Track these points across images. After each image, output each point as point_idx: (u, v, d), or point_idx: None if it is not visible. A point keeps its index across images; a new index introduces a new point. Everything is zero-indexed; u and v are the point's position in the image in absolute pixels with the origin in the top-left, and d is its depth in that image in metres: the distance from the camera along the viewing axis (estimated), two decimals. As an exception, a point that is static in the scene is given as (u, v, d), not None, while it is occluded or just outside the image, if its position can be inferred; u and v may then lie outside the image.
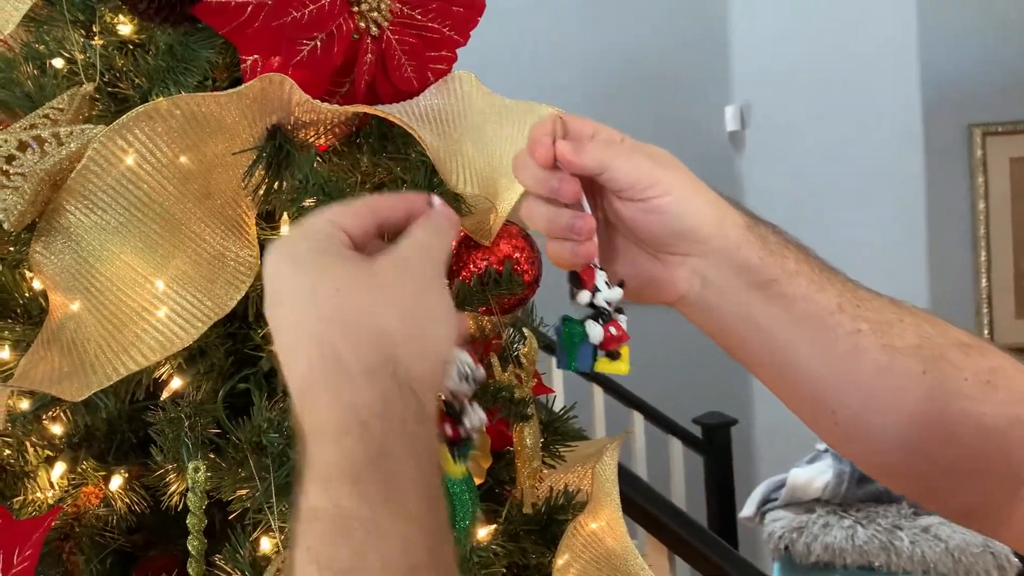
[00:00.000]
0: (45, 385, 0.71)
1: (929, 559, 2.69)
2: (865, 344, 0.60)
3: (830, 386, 0.62)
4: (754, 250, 0.61)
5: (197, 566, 0.73)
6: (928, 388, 0.60)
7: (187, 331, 0.76)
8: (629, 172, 0.60)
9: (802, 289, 0.61)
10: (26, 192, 0.72)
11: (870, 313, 0.61)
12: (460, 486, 0.83)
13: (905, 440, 0.61)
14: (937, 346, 0.61)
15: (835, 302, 0.61)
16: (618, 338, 0.63)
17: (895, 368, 0.60)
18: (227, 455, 0.77)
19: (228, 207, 0.83)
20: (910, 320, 0.62)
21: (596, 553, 0.99)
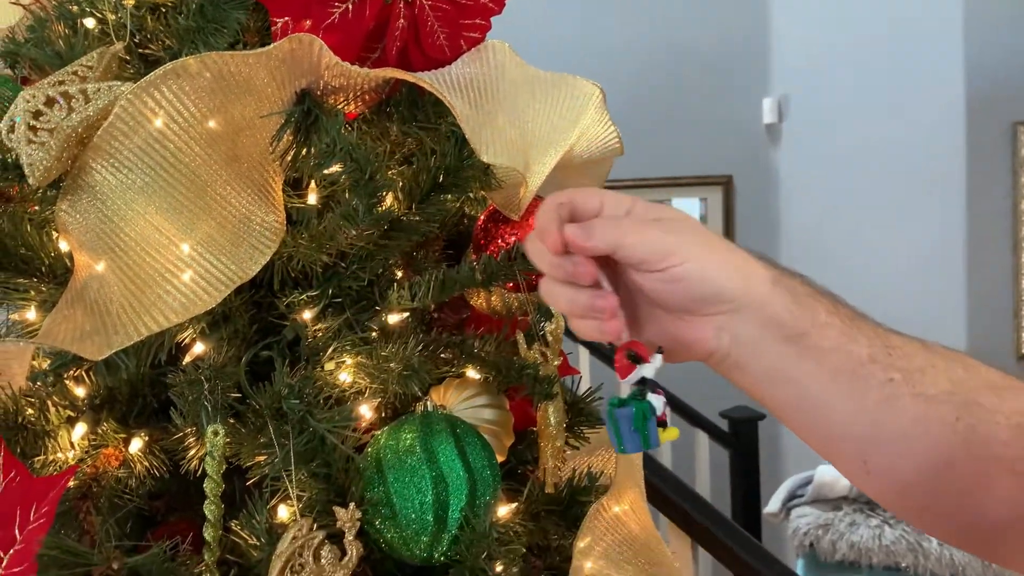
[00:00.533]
0: (68, 343, 0.71)
1: (958, 562, 2.64)
2: (898, 394, 0.59)
3: (863, 438, 0.61)
4: (784, 304, 0.60)
5: (213, 531, 0.73)
6: (961, 435, 0.58)
7: (210, 294, 0.75)
8: (642, 247, 0.59)
9: (833, 341, 0.60)
10: (52, 148, 0.71)
11: (901, 361, 0.60)
12: (482, 462, 0.81)
13: (938, 488, 0.60)
14: (969, 390, 0.59)
15: (866, 352, 0.60)
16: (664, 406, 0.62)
17: (928, 417, 0.59)
18: (247, 421, 0.76)
19: (255, 171, 0.82)
20: (942, 365, 0.60)
21: (619, 536, 0.97)
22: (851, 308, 0.62)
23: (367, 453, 0.81)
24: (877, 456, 0.61)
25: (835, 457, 0.63)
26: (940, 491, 0.60)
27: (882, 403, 0.59)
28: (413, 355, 0.84)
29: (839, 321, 0.60)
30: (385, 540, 0.78)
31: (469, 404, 0.93)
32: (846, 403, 0.60)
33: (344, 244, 0.86)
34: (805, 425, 0.63)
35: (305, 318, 0.90)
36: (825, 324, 0.60)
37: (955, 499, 0.60)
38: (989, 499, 0.59)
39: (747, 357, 0.61)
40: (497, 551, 0.75)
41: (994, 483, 0.58)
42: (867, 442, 0.61)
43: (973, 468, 0.58)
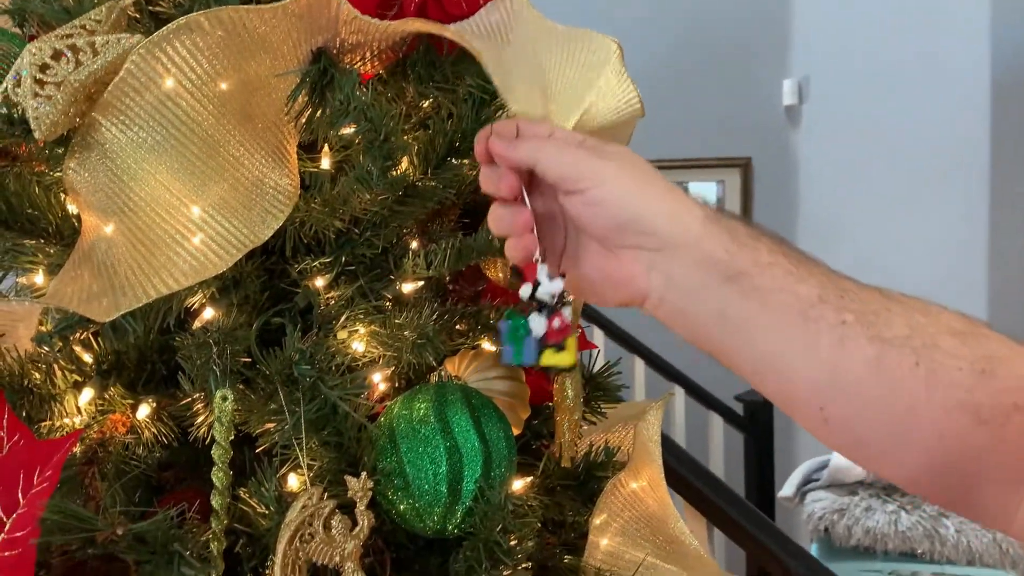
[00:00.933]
0: (75, 304, 0.69)
1: (975, 549, 2.61)
2: (852, 335, 0.56)
3: (818, 383, 0.58)
4: (720, 242, 0.58)
5: (221, 499, 0.71)
6: (923, 380, 0.55)
7: (221, 257, 0.72)
8: (559, 164, 0.60)
9: (778, 281, 0.57)
10: (59, 102, 0.69)
11: (854, 304, 0.57)
12: (497, 433, 0.79)
13: (899, 437, 0.57)
14: (929, 335, 0.56)
15: (816, 293, 0.57)
16: (561, 331, 0.63)
17: (886, 361, 0.56)
18: (256, 387, 0.74)
19: (269, 132, 0.79)
20: (898, 309, 0.57)
21: (635, 513, 0.95)
22: (799, 251, 0.60)
23: (380, 423, 0.79)
24: (834, 403, 0.58)
25: (792, 406, 0.60)
26: (902, 439, 0.57)
27: (836, 346, 0.56)
28: (428, 324, 0.81)
29: (785, 260, 0.58)
30: (397, 511, 0.76)
31: (484, 376, 0.90)
32: (797, 347, 0.57)
33: (358, 209, 0.84)
34: (757, 373, 0.60)
35: (317, 285, 0.87)
36: (768, 264, 0.57)
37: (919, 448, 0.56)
38: (956, 449, 0.55)
39: (685, 300, 0.60)
40: (512, 524, 0.72)
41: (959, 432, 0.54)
42: (822, 388, 0.58)
43: (937, 415, 0.55)
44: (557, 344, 0.63)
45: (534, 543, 0.77)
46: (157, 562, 0.65)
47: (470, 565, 0.75)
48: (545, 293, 0.63)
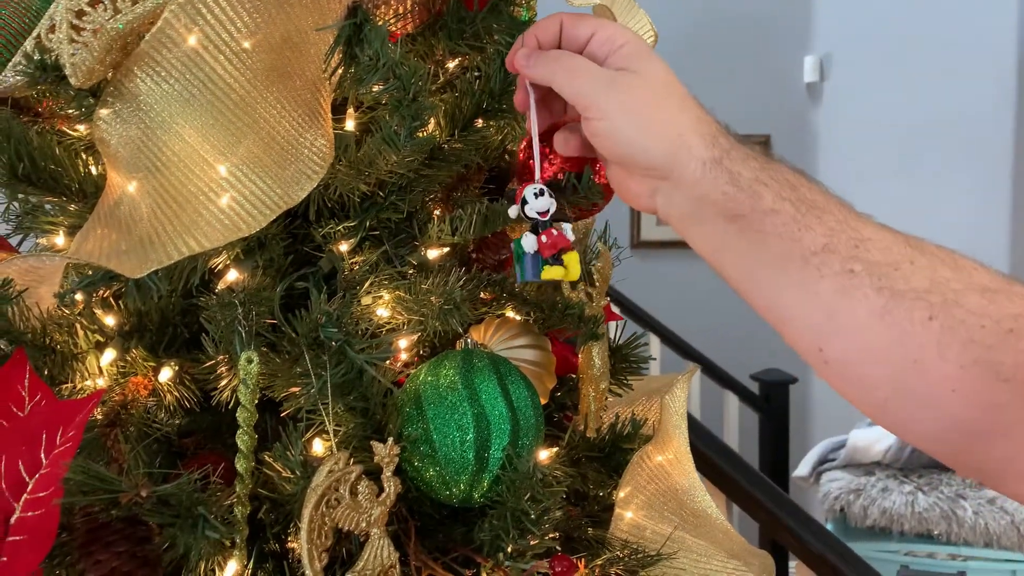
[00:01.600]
0: (103, 259, 0.67)
1: (992, 531, 2.59)
2: (857, 285, 0.56)
3: (817, 326, 0.58)
4: (716, 186, 0.60)
5: (245, 462, 0.69)
6: (934, 335, 0.54)
7: (254, 217, 0.70)
8: (569, 89, 0.64)
9: (779, 227, 0.58)
10: (95, 49, 0.67)
11: (870, 254, 0.57)
12: (525, 401, 0.78)
13: (905, 388, 0.56)
14: (952, 291, 0.55)
15: (821, 242, 0.57)
16: (552, 244, 0.67)
17: (893, 311, 0.55)
18: (281, 350, 0.73)
19: (306, 91, 0.77)
20: (924, 262, 0.56)
21: (661, 487, 0.93)
22: (818, 195, 0.60)
23: (406, 389, 0.77)
24: (832, 345, 0.58)
25: (792, 341, 0.61)
26: (908, 390, 0.56)
27: (837, 293, 0.56)
28: (455, 289, 0.80)
29: (790, 208, 0.58)
30: (423, 479, 0.75)
31: (510, 344, 0.89)
32: (795, 289, 0.58)
33: (384, 171, 0.82)
34: (759, 305, 0.62)
35: (342, 250, 0.86)
36: (770, 211, 0.58)
37: (925, 401, 0.55)
38: (970, 404, 0.54)
39: (686, 226, 0.63)
40: (541, 493, 0.71)
41: (976, 388, 0.53)
42: (821, 330, 0.58)
43: (949, 371, 0.54)
44: (554, 258, 0.67)
45: (562, 513, 0.76)
46: (181, 525, 0.63)
47: (496, 534, 0.74)
48: (531, 211, 0.68)
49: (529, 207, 0.68)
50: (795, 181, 0.60)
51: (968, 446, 0.56)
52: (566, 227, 0.68)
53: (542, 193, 0.68)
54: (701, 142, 0.61)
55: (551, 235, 0.67)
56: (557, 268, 0.68)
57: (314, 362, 0.70)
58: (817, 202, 0.59)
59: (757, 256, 0.59)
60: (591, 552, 0.84)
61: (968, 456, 0.57)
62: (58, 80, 0.68)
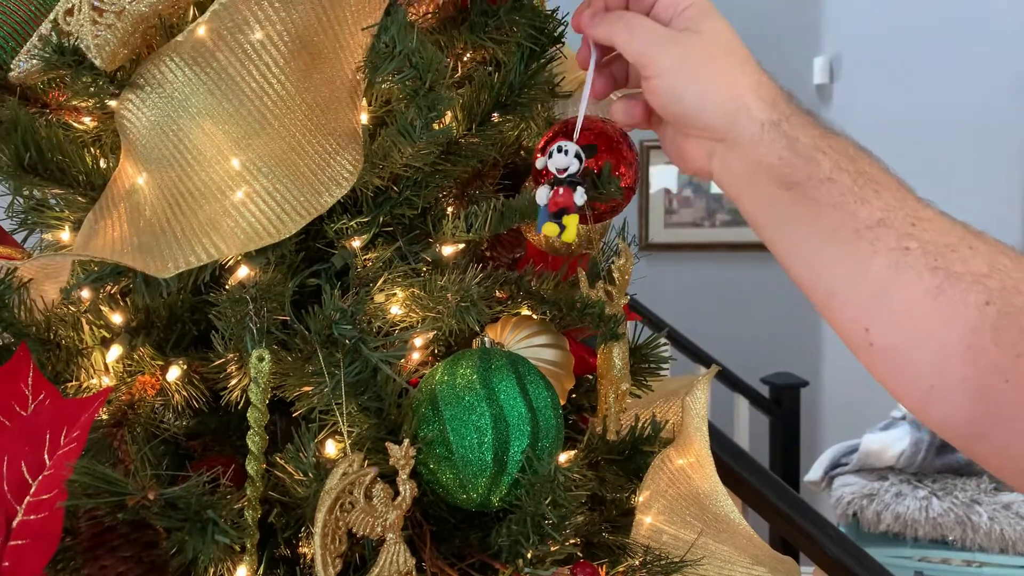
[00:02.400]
0: (117, 255, 0.65)
1: (1008, 537, 2.55)
2: (911, 263, 0.54)
3: (864, 303, 0.56)
4: (775, 150, 0.58)
5: (256, 464, 0.67)
6: (991, 321, 0.51)
7: (284, 223, 0.68)
8: (629, 47, 0.64)
9: (835, 198, 0.56)
10: (119, 31, 0.65)
11: (927, 234, 0.54)
12: (545, 402, 0.75)
13: (954, 379, 0.53)
14: (1012, 279, 0.52)
15: (877, 216, 0.55)
16: (561, 202, 0.69)
17: (947, 293, 0.52)
18: (294, 348, 0.70)
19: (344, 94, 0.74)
20: (984, 248, 0.54)
21: (682, 490, 0.91)
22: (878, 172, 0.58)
23: (421, 389, 0.75)
24: (880, 326, 0.55)
25: (838, 323, 0.58)
26: (953, 379, 0.53)
27: (890, 269, 0.54)
28: (471, 285, 0.77)
29: (848, 179, 0.56)
30: (439, 482, 0.72)
31: (528, 343, 0.86)
32: (846, 263, 0.56)
33: (399, 165, 0.79)
34: (805, 277, 0.60)
35: (355, 246, 0.83)
36: (827, 180, 0.56)
37: (971, 391, 0.52)
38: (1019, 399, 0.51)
39: (739, 191, 0.62)
40: (562, 497, 0.68)
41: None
42: (869, 308, 0.56)
43: (1000, 360, 0.51)
44: (555, 215, 0.70)
45: (583, 517, 0.73)
46: (190, 529, 0.61)
47: (515, 539, 0.71)
48: (553, 165, 0.70)
49: (552, 161, 0.70)
50: (855, 154, 0.58)
51: (1016, 445, 0.52)
52: (580, 191, 0.70)
53: (568, 152, 0.70)
54: (761, 104, 0.60)
55: (566, 197, 0.69)
56: (554, 225, 0.70)
57: (327, 360, 0.68)
58: (876, 176, 0.57)
59: (809, 226, 0.58)
60: (612, 558, 0.81)
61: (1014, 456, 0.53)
62: (76, 64, 0.66)
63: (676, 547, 0.87)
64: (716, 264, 4.24)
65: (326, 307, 0.67)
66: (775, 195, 0.59)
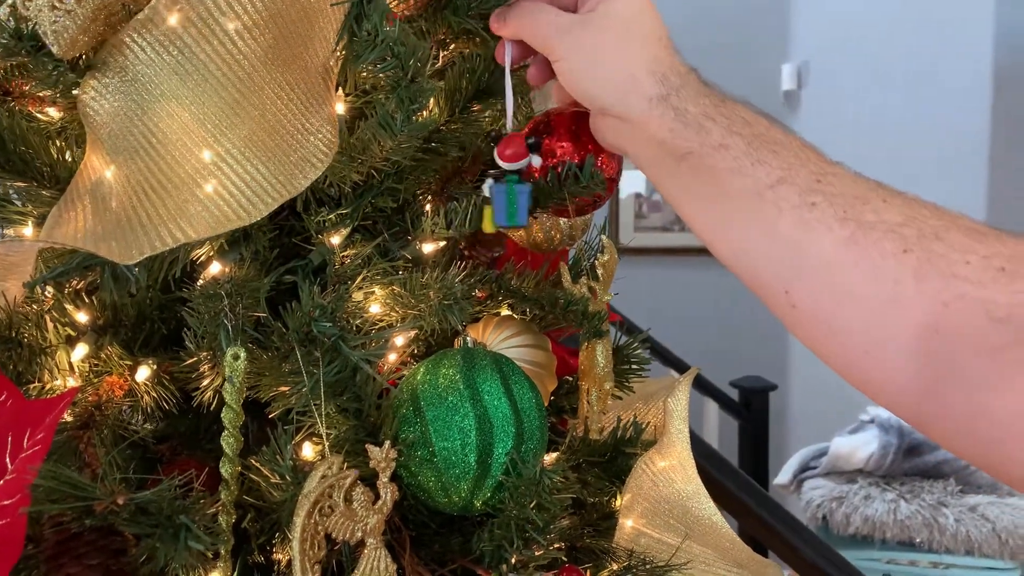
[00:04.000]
0: (81, 242, 0.62)
1: (974, 539, 2.58)
2: (819, 217, 0.52)
3: (780, 263, 0.55)
4: (663, 123, 0.59)
5: (231, 466, 0.64)
6: (911, 268, 0.49)
7: (255, 206, 0.65)
8: (532, 37, 0.67)
9: (728, 162, 0.56)
10: (79, 17, 0.62)
11: (835, 188, 0.53)
12: (530, 403, 0.73)
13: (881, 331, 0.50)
14: (931, 226, 0.50)
15: (777, 175, 0.54)
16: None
17: (861, 244, 0.50)
18: (270, 346, 0.68)
19: (316, 74, 0.72)
20: (898, 201, 0.52)
21: (664, 493, 0.89)
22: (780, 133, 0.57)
23: (402, 389, 0.73)
24: (798, 286, 0.54)
25: (759, 291, 0.58)
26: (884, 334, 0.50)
27: (798, 226, 0.53)
28: (454, 283, 0.75)
29: (742, 143, 0.56)
30: (420, 485, 0.70)
31: (510, 343, 0.84)
32: (754, 228, 0.55)
33: (379, 158, 0.77)
34: (724, 252, 0.60)
35: (333, 242, 0.81)
36: (720, 146, 0.56)
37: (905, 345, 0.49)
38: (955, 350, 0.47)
39: (647, 168, 0.63)
40: (548, 500, 0.66)
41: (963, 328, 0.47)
42: (785, 271, 0.55)
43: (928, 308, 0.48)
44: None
45: (569, 521, 0.71)
46: (161, 536, 0.58)
47: (499, 544, 0.69)
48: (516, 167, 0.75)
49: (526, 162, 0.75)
50: (751, 118, 0.58)
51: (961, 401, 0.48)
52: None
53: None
54: (651, 80, 0.60)
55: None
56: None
57: (305, 359, 0.65)
58: (775, 138, 0.56)
59: (711, 196, 0.58)
60: (595, 563, 0.79)
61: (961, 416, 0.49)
62: (35, 51, 0.63)
63: (659, 550, 0.86)
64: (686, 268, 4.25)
65: (304, 304, 0.65)
66: (675, 169, 0.60)
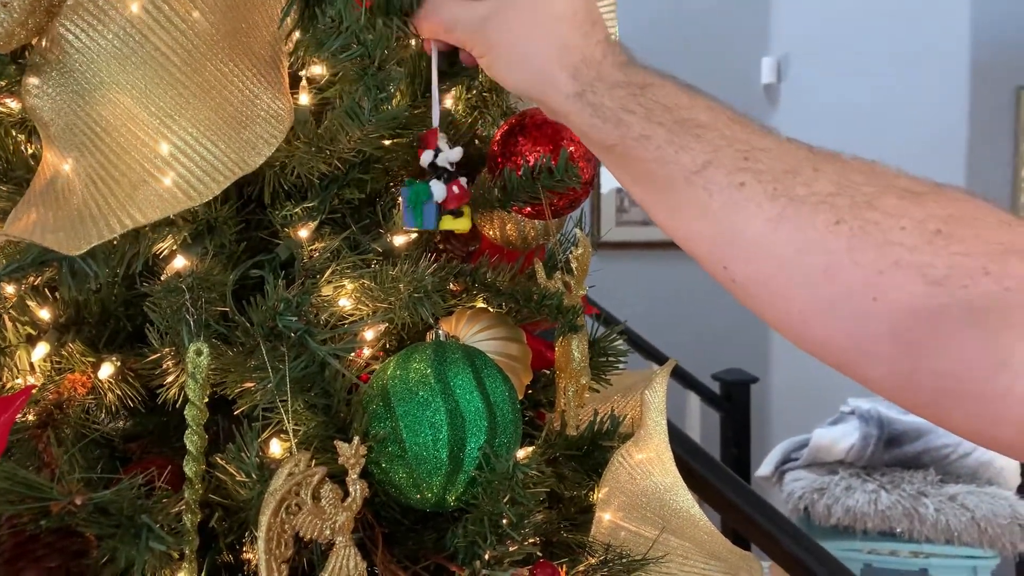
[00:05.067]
0: (35, 236, 0.60)
1: (954, 528, 2.59)
2: (747, 196, 0.53)
3: (714, 242, 0.56)
4: (583, 119, 0.60)
5: (195, 465, 0.63)
6: (844, 239, 0.49)
7: (207, 185, 0.63)
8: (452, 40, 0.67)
9: (652, 152, 0.56)
10: (15, 10, 0.60)
11: (763, 164, 0.53)
12: (503, 396, 0.72)
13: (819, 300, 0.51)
14: (863, 194, 0.50)
15: (702, 159, 0.54)
16: (459, 196, 0.70)
17: (792, 219, 0.51)
18: (234, 342, 0.66)
19: (263, 48, 0.70)
20: (831, 169, 0.52)
21: (642, 486, 0.88)
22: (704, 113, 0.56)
23: (372, 384, 0.71)
24: (735, 262, 0.55)
25: (700, 261, 0.59)
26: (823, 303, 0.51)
27: (728, 207, 0.53)
28: (425, 276, 0.74)
29: (663, 132, 0.56)
30: (391, 482, 0.69)
31: (484, 336, 0.83)
32: (687, 211, 0.56)
33: (347, 149, 0.76)
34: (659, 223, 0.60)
35: (301, 236, 0.79)
36: (640, 137, 0.57)
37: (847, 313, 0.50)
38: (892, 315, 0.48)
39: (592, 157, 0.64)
40: (521, 495, 0.65)
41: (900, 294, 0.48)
42: (719, 246, 0.55)
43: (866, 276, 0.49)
44: (456, 210, 0.70)
45: (544, 515, 0.70)
46: (122, 536, 0.57)
47: (472, 540, 0.68)
48: (444, 160, 0.70)
49: (443, 156, 0.70)
50: (673, 103, 0.57)
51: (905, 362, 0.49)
52: (464, 180, 0.71)
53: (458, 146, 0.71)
54: (563, 75, 0.60)
55: (461, 187, 0.70)
56: (459, 220, 0.70)
57: (271, 354, 0.64)
58: (698, 120, 0.56)
59: (643, 181, 0.58)
60: (571, 558, 0.78)
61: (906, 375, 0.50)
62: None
63: (636, 544, 0.85)
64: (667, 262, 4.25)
65: (269, 297, 0.63)
66: (606, 157, 0.60)
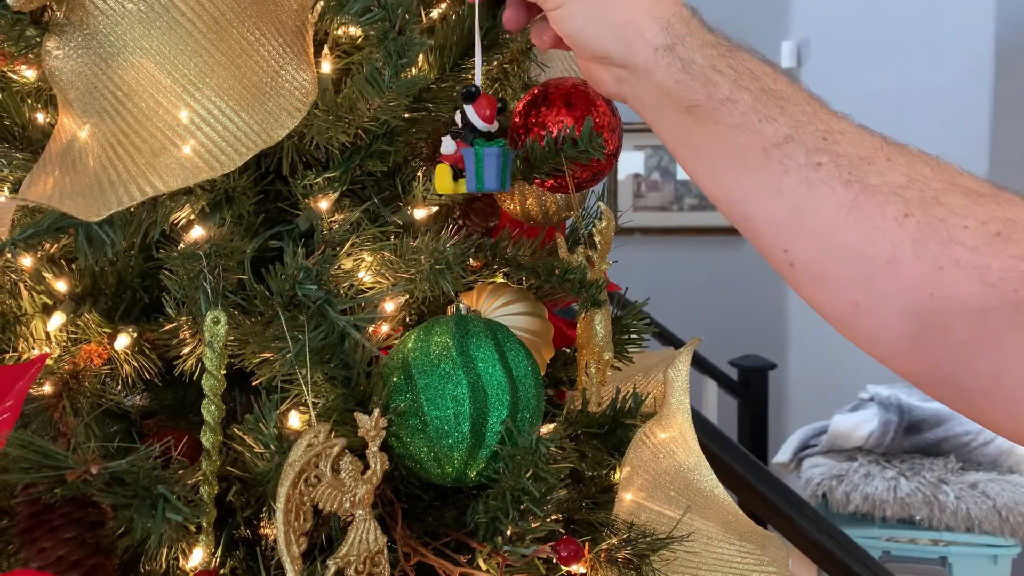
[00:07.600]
0: (53, 200, 0.59)
1: (974, 516, 2.56)
2: (824, 178, 0.52)
3: (779, 222, 0.55)
4: (669, 74, 0.58)
5: (213, 436, 0.61)
6: (910, 233, 0.50)
7: (229, 156, 0.62)
8: None
9: (735, 118, 0.55)
10: None
11: (841, 147, 0.53)
12: (525, 370, 0.70)
13: (875, 290, 0.52)
14: (932, 189, 0.51)
15: (784, 133, 0.53)
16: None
17: (863, 207, 0.51)
18: (253, 311, 0.65)
19: (290, 18, 0.69)
20: (902, 160, 0.52)
21: (665, 465, 0.86)
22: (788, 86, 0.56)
23: (393, 356, 0.70)
24: (798, 245, 0.54)
25: (757, 242, 0.57)
26: (879, 292, 0.51)
27: (801, 186, 0.53)
28: (446, 247, 0.72)
29: (749, 98, 0.55)
30: (412, 456, 0.67)
31: (506, 311, 0.81)
32: (757, 184, 0.55)
33: (367, 117, 0.74)
34: (722, 201, 0.59)
35: (321, 207, 0.78)
36: (727, 100, 0.55)
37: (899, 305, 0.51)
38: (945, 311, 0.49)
39: (647, 115, 0.61)
40: (544, 470, 0.64)
41: (955, 292, 0.49)
42: (785, 229, 0.54)
43: (922, 272, 0.49)
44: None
45: (566, 493, 0.69)
46: (138, 507, 0.55)
47: (494, 516, 0.67)
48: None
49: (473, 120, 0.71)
50: (759, 71, 0.56)
51: (949, 360, 0.50)
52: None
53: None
54: (654, 27, 0.58)
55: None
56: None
57: (290, 324, 0.62)
58: (783, 92, 0.55)
59: (716, 149, 0.57)
60: (594, 536, 0.77)
61: (948, 372, 0.51)
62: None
63: (659, 523, 0.83)
64: (684, 248, 4.22)
65: (289, 266, 0.62)
66: (679, 119, 0.59)
